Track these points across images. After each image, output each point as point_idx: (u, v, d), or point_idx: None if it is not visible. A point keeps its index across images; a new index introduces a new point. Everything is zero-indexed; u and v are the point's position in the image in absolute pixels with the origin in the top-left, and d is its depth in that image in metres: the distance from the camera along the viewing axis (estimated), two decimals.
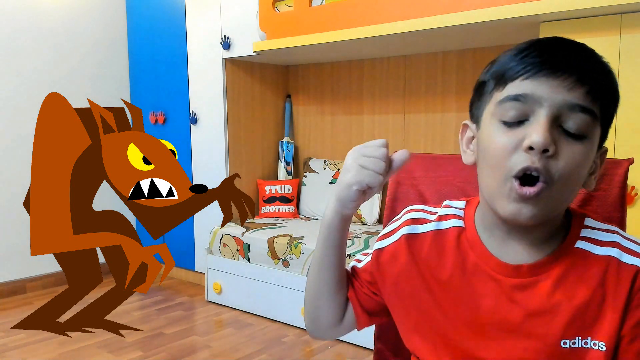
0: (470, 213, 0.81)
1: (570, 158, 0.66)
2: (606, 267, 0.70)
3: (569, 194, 0.69)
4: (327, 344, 2.48)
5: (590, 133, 0.67)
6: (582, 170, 0.68)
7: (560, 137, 0.66)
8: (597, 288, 0.70)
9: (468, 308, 0.75)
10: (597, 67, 0.68)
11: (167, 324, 2.73)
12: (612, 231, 0.74)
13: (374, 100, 3.14)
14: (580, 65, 0.66)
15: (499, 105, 0.69)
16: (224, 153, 3.17)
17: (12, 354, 2.36)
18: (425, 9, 2.22)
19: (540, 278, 0.72)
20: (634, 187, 1.78)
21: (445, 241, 0.80)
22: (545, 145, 0.64)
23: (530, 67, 0.66)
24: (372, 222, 3.00)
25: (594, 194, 0.92)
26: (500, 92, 0.70)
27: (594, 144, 0.68)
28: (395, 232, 0.84)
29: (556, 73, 0.65)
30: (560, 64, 0.66)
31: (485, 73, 0.74)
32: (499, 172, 0.69)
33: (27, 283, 3.21)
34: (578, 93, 0.65)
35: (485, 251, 0.76)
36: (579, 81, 0.65)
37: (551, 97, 0.65)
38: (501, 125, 0.69)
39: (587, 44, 0.72)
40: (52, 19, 3.28)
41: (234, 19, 3.03)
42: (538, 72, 0.66)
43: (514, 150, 0.67)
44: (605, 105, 0.68)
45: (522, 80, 0.67)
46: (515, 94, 0.67)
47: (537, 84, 0.66)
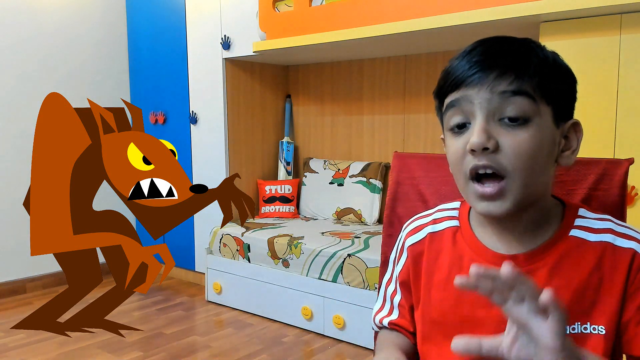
0: (465, 212, 0.82)
1: (517, 146, 0.67)
2: (601, 252, 0.71)
3: (535, 178, 0.70)
4: (327, 344, 2.48)
5: (533, 114, 0.67)
6: (538, 152, 0.68)
7: (500, 129, 0.68)
8: (592, 272, 0.71)
9: (467, 304, 0.75)
10: (520, 54, 0.69)
11: (167, 324, 2.73)
12: (605, 219, 0.75)
13: (374, 100, 3.14)
14: (505, 57, 0.68)
15: (444, 116, 0.74)
16: (224, 153, 3.17)
17: (12, 354, 2.36)
18: (425, 9, 2.22)
19: (537, 266, 0.73)
20: (634, 187, 1.78)
21: (441, 242, 0.81)
22: (482, 144, 0.66)
23: (456, 78, 0.70)
24: (372, 222, 3.00)
25: (594, 194, 0.92)
26: (443, 107, 0.74)
27: (542, 123, 0.68)
28: (402, 252, 0.87)
29: (479, 76, 0.68)
30: (485, 63, 0.68)
31: (434, 91, 0.78)
32: (459, 177, 0.73)
33: (27, 283, 3.21)
34: (505, 81, 0.67)
35: (481, 245, 0.77)
36: (505, 71, 0.67)
37: (480, 94, 0.68)
38: (451, 133, 0.73)
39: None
40: (52, 19, 3.28)
41: (234, 19, 3.03)
42: (463, 82, 0.70)
43: (464, 154, 0.70)
44: (543, 81, 0.68)
45: (452, 91, 0.71)
46: (451, 100, 0.72)
47: (467, 88, 0.69)
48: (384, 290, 0.92)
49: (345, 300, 2.47)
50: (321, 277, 2.56)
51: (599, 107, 1.85)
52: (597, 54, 1.83)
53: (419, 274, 0.82)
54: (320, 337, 2.56)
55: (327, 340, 2.53)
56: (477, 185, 0.69)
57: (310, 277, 2.60)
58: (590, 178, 0.93)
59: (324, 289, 2.55)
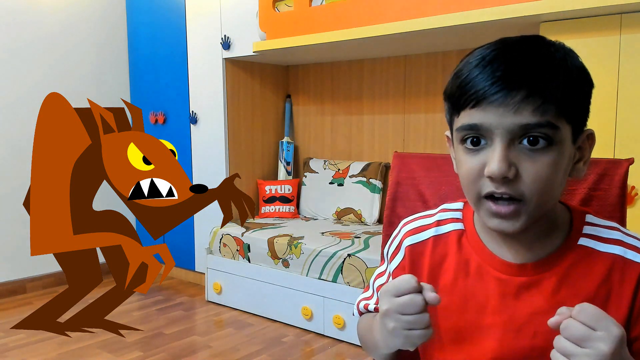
0: (469, 215, 0.81)
1: (536, 173, 0.65)
2: (611, 264, 0.70)
3: (549, 199, 0.69)
4: (327, 344, 2.48)
5: (554, 139, 0.65)
6: (556, 175, 0.67)
7: (520, 155, 0.65)
8: (601, 284, 0.70)
9: (474, 310, 0.75)
10: (546, 71, 0.65)
11: (167, 324, 2.73)
12: (613, 228, 0.74)
13: (374, 100, 3.14)
14: (526, 78, 0.64)
15: (458, 132, 0.70)
16: (224, 153, 3.17)
17: (12, 354, 2.36)
18: (425, 9, 2.22)
19: (545, 276, 0.72)
20: (634, 187, 1.78)
21: (446, 245, 0.80)
22: (503, 174, 0.64)
23: (476, 94, 0.66)
24: (372, 222, 3.00)
25: (594, 194, 0.92)
26: (457, 117, 0.70)
27: (562, 145, 0.66)
28: (399, 250, 0.84)
29: (502, 97, 0.64)
30: (506, 83, 0.64)
31: (445, 91, 0.73)
32: (471, 193, 0.70)
33: (27, 283, 3.21)
34: (527, 112, 0.63)
35: (488, 252, 0.76)
36: (525, 99, 0.63)
37: (500, 124, 0.65)
38: (465, 149, 0.70)
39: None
40: (52, 19, 3.28)
41: (234, 19, 3.03)
42: (484, 99, 0.65)
43: (479, 175, 0.68)
44: (565, 104, 0.65)
45: (470, 108, 0.67)
46: (468, 124, 0.68)
47: (485, 112, 0.65)
48: (373, 281, 0.91)
49: (345, 300, 2.47)
50: (321, 277, 2.56)
51: (599, 107, 1.84)
52: (597, 54, 1.83)
53: (418, 276, 0.81)
54: (320, 337, 2.56)
55: (327, 340, 2.53)
56: (491, 203, 0.67)
57: (310, 277, 2.60)
58: (590, 178, 0.93)
59: (324, 289, 2.54)
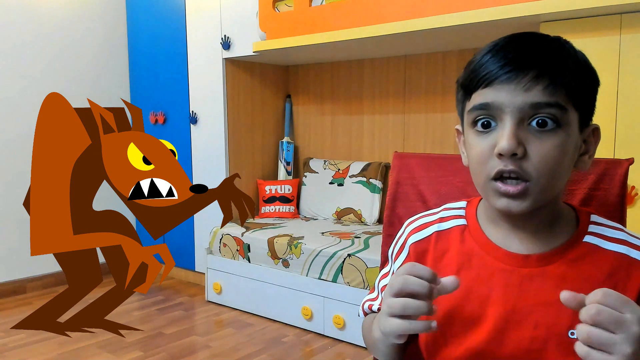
0: (472, 211, 0.82)
1: (544, 153, 0.67)
2: (616, 262, 0.71)
3: (555, 182, 0.70)
4: (327, 344, 2.48)
5: (562, 121, 0.68)
6: (563, 158, 0.69)
7: (529, 135, 0.68)
8: (605, 281, 0.70)
9: (477, 301, 0.75)
10: (556, 56, 0.68)
11: (167, 324, 2.73)
12: (617, 228, 0.75)
13: (374, 100, 3.14)
14: (536, 60, 0.67)
15: (469, 114, 0.73)
16: (224, 153, 3.17)
17: (12, 354, 2.36)
18: (425, 9, 2.22)
19: (549, 268, 0.72)
20: (634, 187, 1.78)
21: (448, 240, 0.81)
22: (512, 151, 0.67)
23: (488, 74, 0.69)
24: (372, 222, 3.00)
25: (594, 194, 0.92)
26: (468, 101, 0.73)
27: (569, 130, 0.69)
28: (403, 248, 0.85)
29: (513, 76, 0.67)
30: (517, 65, 0.67)
31: (458, 80, 0.77)
32: (481, 175, 0.72)
33: (27, 283, 3.21)
34: (536, 91, 0.66)
35: (492, 244, 0.77)
36: (536, 79, 0.66)
37: (511, 102, 0.67)
38: (475, 132, 0.72)
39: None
40: (53, 19, 3.28)
41: (234, 19, 3.03)
42: (496, 79, 0.68)
43: (489, 156, 0.70)
44: (574, 89, 0.68)
45: (483, 88, 0.70)
46: (479, 103, 0.70)
47: (496, 90, 0.68)
48: (378, 282, 0.92)
49: (345, 300, 2.47)
50: (321, 277, 2.56)
51: (599, 107, 1.83)
52: (597, 54, 1.83)
53: None
54: (320, 337, 2.56)
55: (327, 340, 2.53)
56: (500, 183, 0.70)
57: (310, 277, 2.60)
58: (590, 178, 0.93)
59: (324, 289, 2.55)
